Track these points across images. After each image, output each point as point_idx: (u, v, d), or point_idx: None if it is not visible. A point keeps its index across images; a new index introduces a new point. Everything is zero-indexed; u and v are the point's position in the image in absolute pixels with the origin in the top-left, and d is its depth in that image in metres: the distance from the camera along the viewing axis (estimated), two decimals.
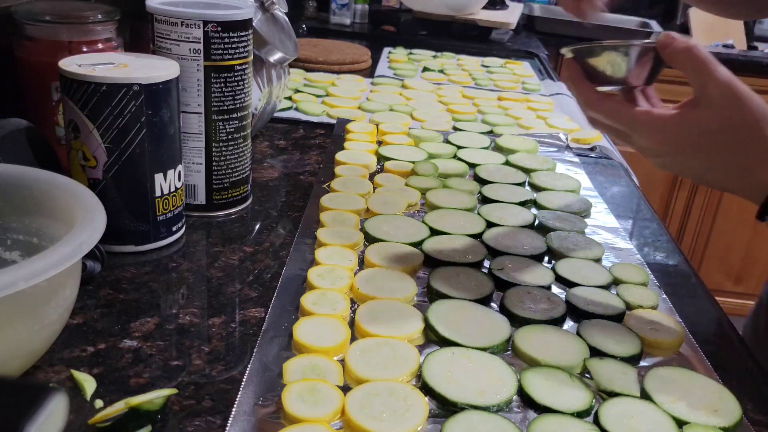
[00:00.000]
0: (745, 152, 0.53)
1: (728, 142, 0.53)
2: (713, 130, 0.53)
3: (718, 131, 0.53)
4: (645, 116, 0.56)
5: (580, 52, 0.60)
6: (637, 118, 0.56)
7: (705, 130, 0.53)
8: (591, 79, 0.60)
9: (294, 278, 0.62)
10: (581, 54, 0.60)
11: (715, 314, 0.64)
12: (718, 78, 0.52)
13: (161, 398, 0.45)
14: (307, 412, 0.45)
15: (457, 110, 1.17)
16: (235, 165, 0.74)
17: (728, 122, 0.52)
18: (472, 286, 0.62)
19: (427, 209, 0.78)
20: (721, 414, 0.48)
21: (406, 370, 0.50)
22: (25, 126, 0.64)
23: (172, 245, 0.67)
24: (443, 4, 1.84)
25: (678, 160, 0.56)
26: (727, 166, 0.54)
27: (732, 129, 0.52)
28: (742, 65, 2.19)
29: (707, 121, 0.53)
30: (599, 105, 0.58)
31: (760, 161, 0.52)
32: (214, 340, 0.54)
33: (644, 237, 0.80)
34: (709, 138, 0.53)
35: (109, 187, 0.62)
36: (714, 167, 0.55)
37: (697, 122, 0.53)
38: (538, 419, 0.46)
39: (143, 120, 0.61)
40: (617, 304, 0.61)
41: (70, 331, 0.53)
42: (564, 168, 0.95)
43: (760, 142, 0.52)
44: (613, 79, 0.60)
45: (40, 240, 0.54)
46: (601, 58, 0.59)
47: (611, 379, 0.51)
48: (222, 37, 0.68)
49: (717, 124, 0.52)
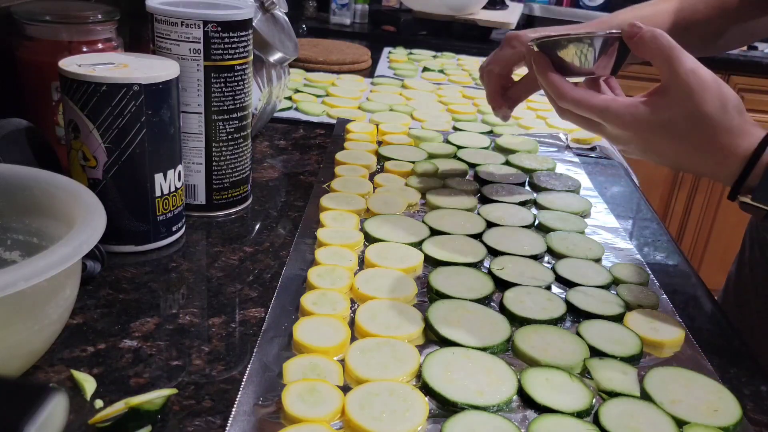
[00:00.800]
0: (712, 136, 0.54)
1: (696, 127, 0.54)
2: (682, 116, 0.55)
3: (686, 117, 0.54)
4: (616, 104, 0.57)
5: (547, 45, 0.61)
6: (609, 107, 0.57)
7: (674, 116, 0.55)
8: (558, 70, 0.61)
9: (294, 278, 0.62)
10: (548, 47, 0.61)
11: (715, 314, 0.64)
12: (684, 66, 0.54)
13: (161, 398, 0.45)
14: (307, 412, 0.45)
15: (457, 110, 1.17)
16: (235, 165, 0.74)
17: (696, 108, 0.54)
18: (472, 286, 0.62)
19: (427, 209, 0.78)
20: (721, 414, 0.48)
21: (406, 370, 0.50)
22: (25, 126, 0.64)
23: (172, 245, 0.67)
24: (443, 4, 1.84)
25: (649, 146, 0.58)
26: (696, 150, 0.56)
27: (700, 115, 0.54)
28: (742, 65, 2.19)
29: (676, 108, 0.55)
30: (570, 95, 0.60)
31: (728, 144, 0.54)
32: (214, 340, 0.54)
33: (644, 237, 0.80)
34: (679, 124, 0.55)
35: (109, 187, 0.62)
36: (684, 152, 0.56)
37: (667, 109, 0.55)
38: (538, 419, 0.46)
39: (143, 120, 0.61)
40: (617, 304, 0.61)
41: (70, 331, 0.53)
42: (564, 168, 0.96)
43: (726, 126, 0.54)
44: (580, 70, 0.61)
45: (40, 240, 0.54)
46: (568, 50, 0.60)
47: (611, 379, 0.51)
48: (222, 37, 0.68)
49: (685, 110, 0.54)
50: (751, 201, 0.55)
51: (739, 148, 0.54)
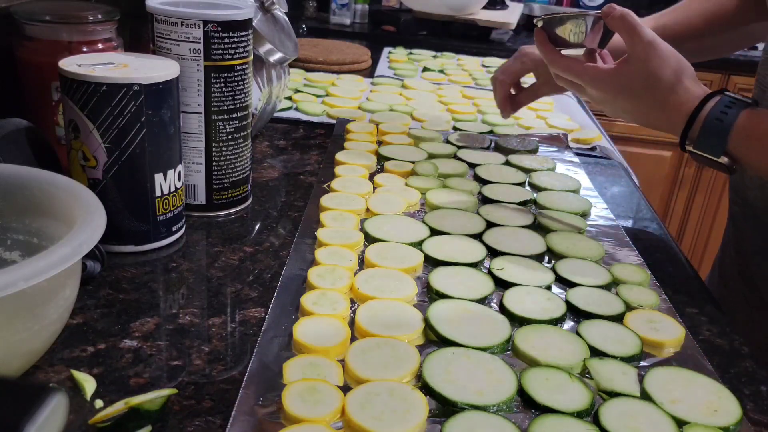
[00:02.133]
0: (664, 96, 0.66)
1: (651, 87, 0.66)
2: (640, 79, 0.66)
3: (643, 79, 0.66)
4: (592, 70, 0.70)
5: (548, 23, 0.73)
6: (587, 72, 0.70)
7: (634, 78, 0.67)
8: (557, 44, 0.73)
9: (294, 278, 0.62)
10: (549, 24, 0.73)
11: (716, 314, 0.64)
12: (643, 38, 0.66)
13: (161, 398, 0.45)
14: (307, 412, 0.45)
15: (457, 110, 1.17)
16: (235, 165, 0.74)
17: (651, 72, 0.66)
18: (472, 286, 0.62)
19: (427, 209, 0.78)
20: (721, 414, 0.48)
21: (406, 370, 0.50)
22: (25, 126, 0.64)
23: (172, 245, 0.67)
24: (443, 4, 1.84)
25: (617, 104, 0.70)
26: (651, 107, 0.68)
27: (654, 78, 0.66)
28: (741, 65, 2.19)
29: (635, 72, 0.67)
30: (560, 62, 0.72)
31: (676, 103, 0.66)
32: (214, 340, 0.54)
33: (644, 237, 0.80)
34: (637, 84, 0.67)
35: (109, 187, 0.62)
36: (643, 109, 0.69)
37: (628, 73, 0.67)
38: (538, 419, 0.46)
39: (143, 120, 0.61)
40: (617, 304, 0.61)
41: (70, 331, 0.53)
42: (564, 168, 0.95)
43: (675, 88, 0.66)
44: (574, 43, 0.73)
45: (40, 240, 0.54)
46: (564, 27, 0.72)
47: (611, 379, 0.51)
48: (222, 37, 0.68)
49: (643, 73, 0.66)
50: (694, 149, 0.66)
51: (684, 106, 0.66)
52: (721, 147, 0.64)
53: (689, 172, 2.33)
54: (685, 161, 2.31)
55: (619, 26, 0.68)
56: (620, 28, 0.68)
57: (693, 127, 0.65)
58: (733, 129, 0.63)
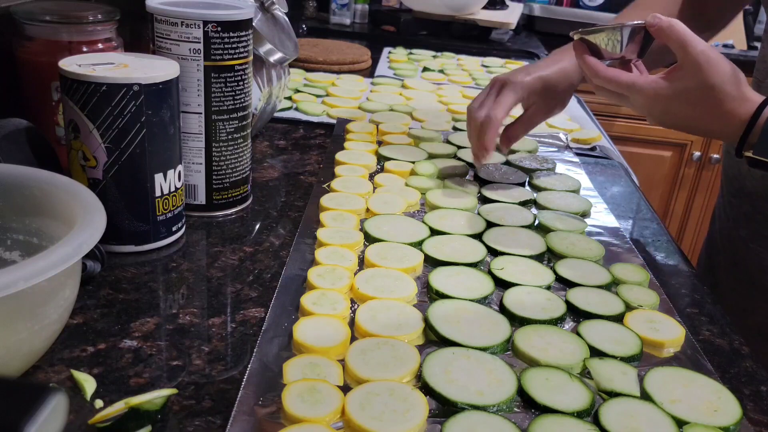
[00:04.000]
0: (719, 103, 0.65)
1: (706, 95, 0.65)
2: (694, 87, 0.66)
3: (698, 87, 0.65)
4: (641, 80, 0.69)
5: (587, 34, 0.73)
6: (635, 83, 0.69)
7: (688, 86, 0.66)
8: (595, 55, 0.72)
9: (294, 278, 0.62)
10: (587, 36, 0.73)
11: (716, 314, 0.64)
12: (696, 47, 0.65)
13: (161, 398, 0.45)
14: (307, 412, 0.45)
15: (457, 110, 1.17)
16: (235, 165, 0.74)
17: (706, 80, 0.65)
18: (472, 286, 0.62)
19: (427, 209, 0.78)
20: (721, 414, 0.48)
21: (406, 370, 0.50)
22: (25, 126, 0.64)
23: (172, 245, 0.67)
24: (443, 4, 1.84)
25: (668, 113, 0.69)
26: (706, 114, 0.67)
27: (709, 85, 0.65)
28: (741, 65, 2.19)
29: (689, 80, 0.66)
30: (603, 73, 0.71)
31: (732, 109, 0.65)
32: (214, 340, 0.54)
33: (644, 237, 0.80)
34: (691, 93, 0.66)
35: (109, 187, 0.62)
36: (696, 116, 0.67)
37: (682, 81, 0.66)
38: (538, 419, 0.46)
39: (143, 120, 0.61)
40: (617, 304, 0.61)
41: (70, 331, 0.53)
42: (564, 168, 0.95)
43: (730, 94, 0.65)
44: (612, 55, 0.72)
45: (40, 240, 0.54)
46: (602, 38, 0.72)
47: (611, 379, 0.51)
48: (222, 37, 0.68)
49: (697, 81, 0.65)
50: (753, 155, 0.65)
51: (741, 112, 0.65)
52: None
53: (689, 172, 2.33)
54: (685, 161, 2.31)
55: (667, 36, 0.67)
56: (669, 38, 0.67)
57: (753, 131, 0.65)
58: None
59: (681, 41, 0.66)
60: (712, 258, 1.00)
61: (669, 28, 0.66)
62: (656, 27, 0.67)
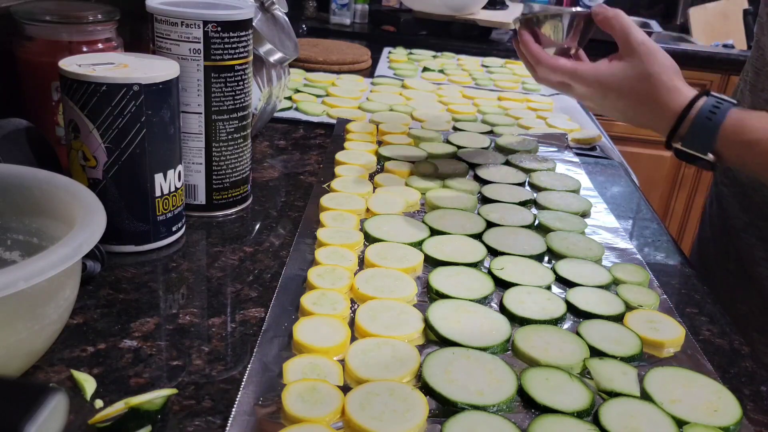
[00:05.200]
0: (655, 92, 0.68)
1: (643, 83, 0.68)
2: (632, 75, 0.68)
3: (635, 76, 0.68)
4: (582, 68, 0.71)
5: (529, 21, 0.73)
6: (577, 70, 0.71)
7: (626, 75, 0.69)
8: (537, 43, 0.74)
9: (294, 278, 0.62)
10: (530, 22, 0.73)
11: (716, 314, 0.64)
12: (637, 38, 0.68)
13: (161, 398, 0.45)
14: (307, 412, 0.45)
15: (457, 110, 1.17)
16: (235, 165, 0.74)
17: (644, 69, 0.68)
18: (472, 286, 0.62)
19: (427, 209, 0.78)
20: (721, 414, 0.48)
21: (406, 370, 0.50)
22: (25, 126, 0.64)
23: (172, 245, 0.67)
24: (443, 4, 1.84)
25: (606, 101, 0.72)
26: (641, 104, 0.69)
27: (646, 74, 0.68)
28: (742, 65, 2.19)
29: (628, 69, 0.69)
30: (546, 61, 0.73)
31: (666, 101, 0.68)
32: (214, 340, 0.54)
33: (644, 237, 0.80)
34: (629, 81, 0.69)
35: (109, 187, 0.62)
36: (632, 105, 0.70)
37: (621, 69, 0.69)
38: (538, 419, 0.46)
39: (143, 120, 0.61)
40: (617, 304, 0.61)
41: (70, 331, 0.53)
42: (564, 168, 0.95)
43: (666, 85, 0.68)
44: (554, 42, 0.73)
45: (40, 240, 0.54)
46: (545, 25, 0.73)
47: (611, 379, 0.51)
48: (222, 37, 0.68)
49: (635, 70, 0.68)
50: (682, 147, 0.68)
51: (674, 104, 0.68)
52: (710, 144, 0.66)
53: (689, 172, 2.33)
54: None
55: (611, 26, 0.70)
56: (612, 27, 0.70)
57: (683, 125, 0.67)
58: (721, 127, 0.65)
59: (624, 31, 0.69)
60: (702, 248, 1.02)
61: (614, 17, 0.70)
62: (601, 16, 0.71)
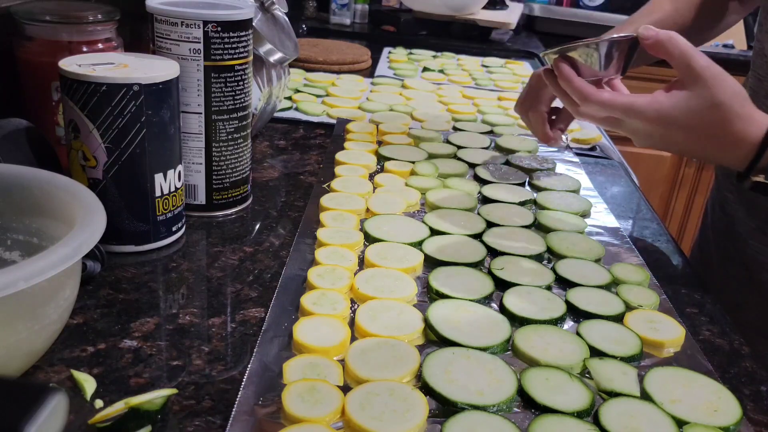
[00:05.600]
0: (726, 123, 0.59)
1: (713, 114, 0.59)
2: (700, 106, 0.59)
3: (704, 106, 0.59)
4: (640, 101, 0.62)
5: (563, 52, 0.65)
6: (634, 105, 0.62)
7: (693, 106, 0.60)
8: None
9: (294, 278, 0.62)
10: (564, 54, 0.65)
11: (716, 314, 0.64)
12: (700, 62, 0.59)
13: (161, 398, 0.45)
14: (307, 412, 0.45)
15: (457, 110, 1.17)
16: (235, 165, 0.74)
17: (712, 98, 0.59)
18: (472, 286, 0.62)
19: (427, 209, 0.78)
20: (721, 414, 0.48)
21: (406, 370, 0.50)
22: (25, 126, 0.64)
23: (172, 245, 0.67)
24: (443, 4, 1.84)
25: (669, 137, 0.62)
26: (711, 136, 0.61)
27: (716, 103, 0.59)
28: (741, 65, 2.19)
29: (694, 99, 0.60)
30: (596, 97, 0.63)
31: (740, 130, 0.59)
32: (214, 340, 0.54)
33: (644, 237, 0.80)
34: (697, 113, 0.60)
35: (109, 187, 0.62)
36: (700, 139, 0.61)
37: (686, 100, 0.60)
38: (538, 419, 0.46)
39: (143, 120, 0.61)
40: (617, 304, 0.61)
41: (70, 331, 0.53)
42: (564, 168, 0.95)
43: (738, 113, 0.59)
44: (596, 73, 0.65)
45: (40, 240, 0.54)
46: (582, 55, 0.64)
47: (611, 379, 0.51)
48: (222, 37, 0.68)
49: (703, 100, 0.59)
50: (765, 180, 0.60)
51: (749, 134, 0.59)
52: None
53: (689, 172, 2.33)
54: (685, 161, 2.31)
55: (666, 50, 0.61)
56: (669, 52, 0.60)
57: (763, 157, 0.59)
58: None
59: (683, 56, 0.59)
60: (704, 253, 1.01)
61: (669, 41, 0.60)
62: (652, 40, 0.61)
